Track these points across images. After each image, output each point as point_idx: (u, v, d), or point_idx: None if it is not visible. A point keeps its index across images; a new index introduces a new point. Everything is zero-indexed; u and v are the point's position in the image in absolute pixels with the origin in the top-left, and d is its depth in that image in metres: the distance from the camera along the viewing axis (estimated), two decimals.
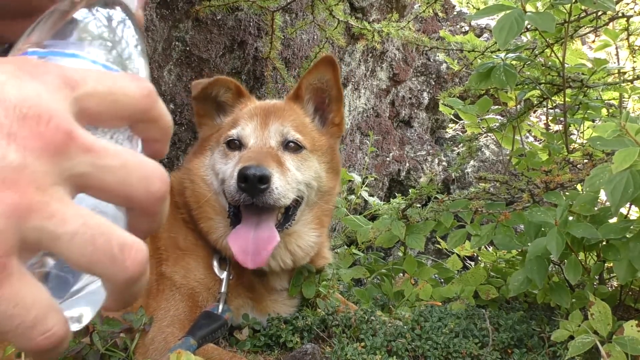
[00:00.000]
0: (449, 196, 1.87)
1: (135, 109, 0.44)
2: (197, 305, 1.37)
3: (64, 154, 0.38)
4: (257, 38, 2.30)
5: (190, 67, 2.10)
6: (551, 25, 1.52)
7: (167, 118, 0.45)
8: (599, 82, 1.97)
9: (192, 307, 1.36)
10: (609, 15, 1.96)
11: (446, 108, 2.28)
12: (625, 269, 1.26)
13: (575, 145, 2.14)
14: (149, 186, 0.42)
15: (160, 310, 1.33)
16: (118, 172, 0.40)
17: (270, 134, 1.45)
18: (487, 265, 2.00)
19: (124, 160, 0.41)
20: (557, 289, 1.43)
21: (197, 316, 1.31)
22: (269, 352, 1.37)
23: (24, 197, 0.36)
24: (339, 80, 1.55)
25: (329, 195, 1.54)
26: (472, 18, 4.02)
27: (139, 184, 0.42)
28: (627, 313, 1.46)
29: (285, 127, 1.46)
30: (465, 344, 1.30)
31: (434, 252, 3.02)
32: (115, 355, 1.14)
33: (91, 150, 0.39)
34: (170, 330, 1.29)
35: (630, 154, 1.14)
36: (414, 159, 3.72)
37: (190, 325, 1.29)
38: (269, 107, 1.52)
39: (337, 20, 2.16)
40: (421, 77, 3.93)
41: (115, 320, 1.16)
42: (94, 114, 0.42)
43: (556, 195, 1.42)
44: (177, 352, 0.90)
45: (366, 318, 1.40)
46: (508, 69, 1.78)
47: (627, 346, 1.13)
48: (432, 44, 2.12)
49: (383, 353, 1.25)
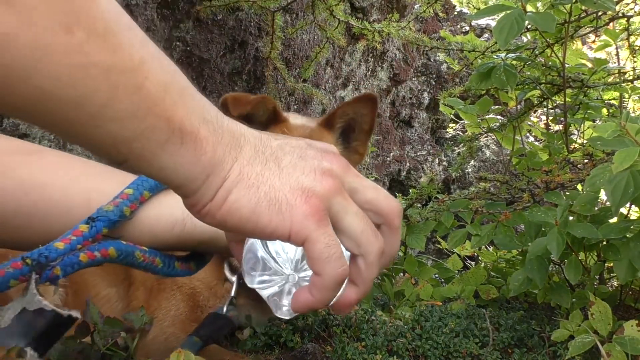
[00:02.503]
0: (450, 196, 1.87)
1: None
2: (197, 305, 1.36)
3: (349, 171, 0.65)
4: (258, 38, 2.30)
5: (191, 67, 2.10)
6: (551, 26, 1.52)
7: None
8: (599, 82, 1.97)
9: (192, 307, 1.36)
10: (609, 16, 1.96)
11: (446, 108, 2.28)
12: (626, 268, 1.26)
13: (576, 145, 2.14)
14: (391, 202, 0.67)
15: (161, 310, 1.33)
16: (374, 190, 0.66)
17: None
18: (487, 265, 2.00)
19: (375, 186, 0.67)
20: (557, 289, 1.43)
21: (203, 319, 1.31)
22: (269, 351, 1.37)
23: (337, 183, 0.61)
24: (375, 118, 1.54)
25: None
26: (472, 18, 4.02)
27: (387, 199, 0.66)
28: (628, 313, 1.46)
29: None
30: (465, 344, 1.30)
31: (435, 252, 3.02)
32: (116, 355, 1.14)
33: (357, 176, 0.66)
34: (171, 330, 1.29)
35: (630, 154, 1.14)
36: (414, 159, 3.72)
37: (190, 326, 1.29)
38: (305, 136, 1.44)
39: (338, 20, 2.16)
40: (422, 77, 3.93)
41: (116, 320, 1.16)
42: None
43: (556, 195, 1.42)
44: (177, 351, 0.90)
45: (367, 318, 1.40)
46: (508, 69, 1.78)
47: (627, 346, 1.13)
48: (433, 44, 2.12)
49: (383, 353, 1.25)
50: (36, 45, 0.47)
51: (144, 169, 0.56)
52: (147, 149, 0.54)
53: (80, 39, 0.48)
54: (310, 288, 0.62)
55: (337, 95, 3.07)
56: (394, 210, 0.67)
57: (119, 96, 0.51)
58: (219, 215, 0.59)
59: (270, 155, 0.61)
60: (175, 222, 0.91)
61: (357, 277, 0.65)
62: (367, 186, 0.66)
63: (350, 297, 0.66)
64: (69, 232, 0.83)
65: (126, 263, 0.87)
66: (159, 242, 0.93)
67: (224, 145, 0.58)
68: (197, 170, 0.57)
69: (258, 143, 0.61)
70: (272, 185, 0.59)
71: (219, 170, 0.58)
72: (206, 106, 0.59)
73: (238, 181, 0.58)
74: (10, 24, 0.45)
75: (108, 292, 1.29)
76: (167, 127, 0.54)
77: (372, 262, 0.64)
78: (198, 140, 0.56)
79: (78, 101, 0.50)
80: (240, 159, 0.59)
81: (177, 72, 0.57)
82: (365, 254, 0.64)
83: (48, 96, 0.49)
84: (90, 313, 1.04)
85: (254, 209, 0.58)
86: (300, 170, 0.60)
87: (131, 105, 0.52)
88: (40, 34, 0.46)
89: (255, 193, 0.58)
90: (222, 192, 0.58)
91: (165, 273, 0.94)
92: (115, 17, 0.52)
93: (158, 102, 0.53)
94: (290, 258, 0.70)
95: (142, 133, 0.53)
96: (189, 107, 0.56)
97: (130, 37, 0.52)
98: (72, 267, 0.79)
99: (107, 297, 1.29)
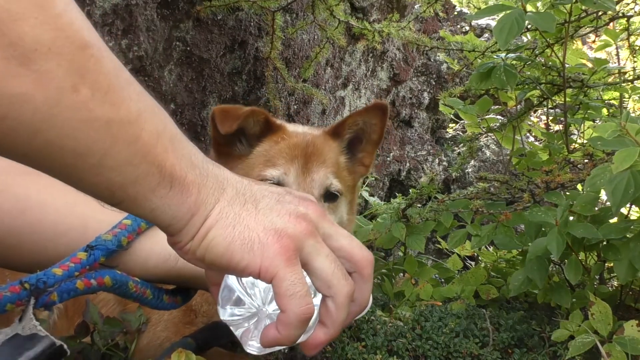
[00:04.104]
0: (449, 196, 1.87)
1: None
2: (191, 308, 1.34)
3: (324, 218, 0.69)
4: (258, 38, 2.30)
5: (191, 67, 2.10)
6: (552, 25, 1.52)
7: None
8: (599, 82, 1.97)
9: (185, 311, 1.33)
10: (609, 15, 1.95)
11: (446, 108, 2.28)
12: (626, 268, 1.26)
13: (576, 145, 2.14)
14: (364, 251, 0.70)
15: (154, 314, 1.31)
16: (348, 238, 0.70)
17: (315, 184, 1.41)
18: (487, 265, 2.00)
19: (349, 235, 0.71)
20: (557, 289, 1.43)
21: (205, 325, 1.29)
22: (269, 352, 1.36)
23: (310, 227, 0.65)
24: (384, 128, 1.51)
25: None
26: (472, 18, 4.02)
27: (360, 248, 0.70)
28: (628, 313, 1.46)
29: (328, 178, 1.42)
30: (465, 344, 1.30)
31: (435, 252, 3.02)
32: (115, 355, 1.14)
33: (333, 224, 0.70)
34: (165, 335, 1.28)
35: (630, 154, 1.14)
36: (414, 159, 3.72)
37: (185, 329, 1.28)
38: (307, 144, 1.44)
39: (338, 20, 2.16)
40: (422, 77, 3.93)
41: (115, 320, 1.16)
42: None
43: (557, 195, 1.42)
44: (178, 351, 0.90)
45: (367, 318, 1.40)
46: (508, 69, 1.77)
47: (627, 346, 1.13)
48: (433, 44, 2.12)
49: (383, 353, 1.25)
50: (48, 104, 0.51)
51: (135, 210, 0.61)
52: (140, 192, 0.58)
53: (85, 97, 0.53)
54: (277, 324, 0.65)
55: (337, 95, 3.07)
56: (366, 258, 0.70)
57: (117, 146, 0.55)
58: (198, 252, 0.64)
59: (250, 197, 0.65)
60: (168, 256, 0.95)
61: (326, 318, 0.68)
62: (341, 234, 0.70)
63: (319, 337, 0.69)
64: (68, 259, 0.85)
65: (119, 293, 0.91)
66: (150, 274, 0.96)
67: (208, 187, 0.63)
68: (182, 210, 0.61)
69: (240, 186, 0.66)
70: (247, 225, 0.63)
71: (202, 211, 0.62)
72: (193, 151, 0.64)
73: (217, 220, 0.63)
74: (28, 85, 0.50)
75: (106, 295, 1.29)
76: (159, 173, 0.59)
77: (342, 304, 0.67)
78: (185, 185, 0.61)
79: (81, 151, 0.54)
80: (222, 200, 0.63)
81: (169, 120, 0.62)
82: (335, 296, 0.67)
83: (54, 147, 0.53)
84: (90, 313, 1.04)
85: (228, 247, 0.63)
86: (276, 212, 0.65)
87: (128, 155, 0.56)
88: (52, 93, 0.51)
89: (230, 232, 0.63)
90: (203, 230, 0.63)
91: (153, 305, 0.98)
92: (116, 73, 0.56)
93: (151, 150, 0.58)
94: (263, 295, 0.73)
95: (136, 179, 0.58)
96: (179, 153, 0.61)
97: (129, 91, 0.57)
98: (68, 293, 0.82)
99: (105, 300, 1.29)
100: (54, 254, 0.88)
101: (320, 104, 2.77)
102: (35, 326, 0.70)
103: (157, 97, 1.93)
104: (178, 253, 0.67)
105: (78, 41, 0.53)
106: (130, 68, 1.82)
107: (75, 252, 0.87)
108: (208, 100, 2.19)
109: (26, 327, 0.70)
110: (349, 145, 1.54)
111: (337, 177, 1.44)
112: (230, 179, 0.66)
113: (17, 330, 0.69)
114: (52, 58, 0.50)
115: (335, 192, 1.43)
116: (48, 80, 0.50)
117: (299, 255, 0.64)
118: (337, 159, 1.50)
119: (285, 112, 2.56)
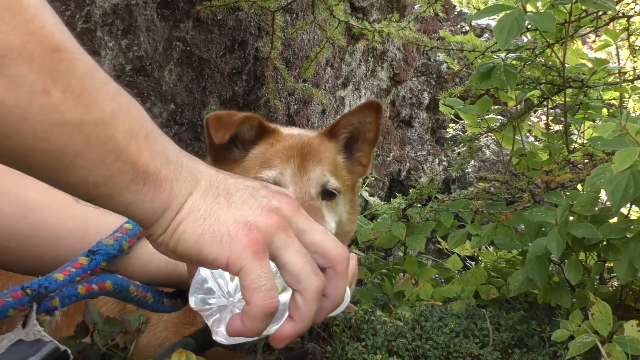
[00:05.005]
0: (450, 196, 1.87)
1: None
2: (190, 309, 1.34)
3: (298, 213, 0.69)
4: (258, 38, 2.30)
5: (191, 67, 2.10)
6: (552, 25, 1.52)
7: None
8: (599, 82, 1.97)
9: (185, 311, 1.33)
10: (609, 15, 1.95)
11: (446, 108, 2.28)
12: (626, 268, 1.26)
13: (576, 145, 2.14)
14: (338, 247, 0.70)
15: (154, 315, 1.30)
16: (322, 233, 0.70)
17: (311, 183, 1.41)
18: (487, 265, 2.00)
19: (324, 230, 0.71)
20: (557, 289, 1.43)
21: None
22: (269, 352, 1.36)
23: (282, 221, 0.65)
24: (379, 126, 1.51)
25: (343, 237, 1.49)
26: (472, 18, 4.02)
27: (334, 244, 0.70)
28: (628, 313, 1.46)
29: (325, 176, 1.42)
30: (465, 344, 1.30)
31: (435, 252, 3.02)
32: (115, 355, 1.14)
33: (308, 219, 0.70)
34: (165, 335, 1.28)
35: (630, 154, 1.14)
36: (414, 159, 3.72)
37: (184, 329, 1.28)
38: (303, 145, 1.45)
39: (338, 20, 2.16)
40: (422, 77, 3.93)
41: (115, 320, 1.16)
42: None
43: (557, 195, 1.42)
44: (178, 351, 0.90)
45: (367, 318, 1.40)
46: (508, 69, 1.77)
47: (627, 346, 1.13)
48: (433, 44, 2.12)
49: (384, 353, 1.25)
50: (19, 107, 0.52)
51: (110, 205, 0.62)
52: (114, 190, 0.60)
53: (57, 100, 0.54)
54: (242, 316, 0.66)
55: (337, 95, 3.07)
56: (340, 254, 0.70)
57: (90, 147, 0.56)
58: (170, 245, 0.65)
59: (223, 190, 0.66)
60: (168, 260, 0.95)
61: (295, 312, 0.69)
62: (315, 229, 0.70)
63: (286, 331, 0.69)
64: (69, 264, 0.86)
65: (120, 297, 0.92)
66: (151, 277, 0.98)
67: (181, 181, 0.64)
68: (156, 205, 0.63)
69: (214, 179, 0.67)
70: (217, 218, 0.64)
71: (175, 205, 0.63)
72: (169, 147, 0.65)
73: (189, 213, 0.64)
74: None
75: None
76: (133, 171, 0.60)
77: (310, 299, 0.67)
78: (158, 180, 0.62)
79: (54, 153, 0.55)
80: (195, 193, 0.64)
81: (145, 118, 0.63)
82: (304, 290, 0.67)
83: (27, 150, 0.54)
84: (90, 313, 1.04)
85: (197, 240, 0.64)
86: (248, 206, 0.66)
87: (101, 154, 0.57)
88: (23, 97, 0.52)
89: (201, 225, 0.64)
90: (174, 223, 0.64)
91: (154, 308, 0.99)
92: (90, 74, 0.57)
93: (124, 149, 0.59)
94: (234, 287, 0.75)
95: (110, 178, 0.59)
96: (153, 150, 0.62)
97: (103, 92, 0.58)
98: (69, 299, 0.83)
99: (104, 300, 1.29)
100: (53, 256, 0.88)
101: (320, 104, 2.77)
102: (40, 331, 0.70)
103: (157, 97, 1.93)
104: (152, 245, 0.68)
105: (49, 45, 0.53)
106: (130, 68, 1.82)
107: (77, 257, 0.87)
108: (208, 100, 2.19)
109: (30, 333, 0.70)
110: (346, 145, 1.55)
111: (334, 175, 1.44)
112: (204, 172, 0.67)
113: (21, 336, 0.70)
114: (23, 63, 0.51)
115: (333, 189, 1.43)
116: (19, 84, 0.51)
117: (267, 249, 0.65)
118: (334, 158, 1.50)
119: (285, 112, 2.56)
